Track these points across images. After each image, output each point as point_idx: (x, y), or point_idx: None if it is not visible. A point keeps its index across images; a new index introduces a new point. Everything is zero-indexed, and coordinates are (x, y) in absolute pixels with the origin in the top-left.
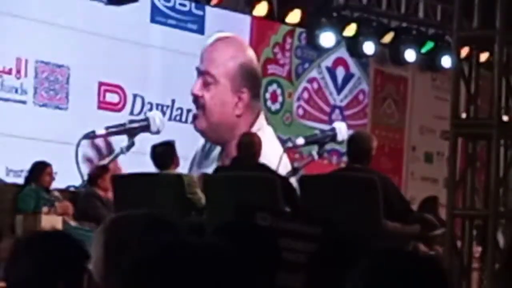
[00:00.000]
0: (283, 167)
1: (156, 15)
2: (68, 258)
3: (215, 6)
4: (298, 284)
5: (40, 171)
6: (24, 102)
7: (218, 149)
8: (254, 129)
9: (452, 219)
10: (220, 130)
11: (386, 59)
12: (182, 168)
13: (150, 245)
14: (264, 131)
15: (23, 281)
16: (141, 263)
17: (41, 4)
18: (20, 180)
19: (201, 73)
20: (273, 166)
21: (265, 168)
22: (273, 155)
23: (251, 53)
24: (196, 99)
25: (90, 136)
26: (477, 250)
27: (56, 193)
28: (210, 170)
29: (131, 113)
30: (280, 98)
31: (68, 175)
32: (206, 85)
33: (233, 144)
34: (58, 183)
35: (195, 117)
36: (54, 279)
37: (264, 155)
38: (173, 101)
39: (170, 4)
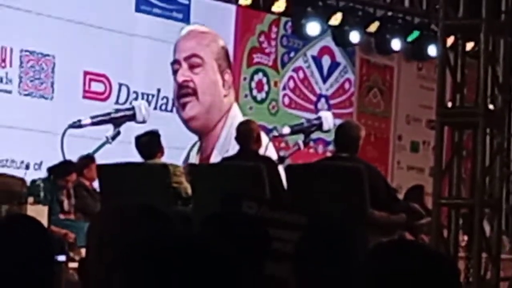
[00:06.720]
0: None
1: (141, 4)
2: (30, 247)
3: None
4: (285, 273)
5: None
6: (9, 92)
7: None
8: (230, 116)
9: (438, 208)
10: (212, 112)
11: (371, 48)
12: (167, 157)
13: (142, 236)
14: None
15: None
16: (130, 254)
17: None
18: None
19: (185, 59)
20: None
21: (268, 160)
22: None
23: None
24: (184, 86)
25: (76, 125)
26: (463, 239)
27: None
28: None
29: (117, 102)
30: (266, 87)
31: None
32: (192, 68)
33: (212, 135)
34: (43, 173)
35: (183, 106)
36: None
37: None
38: (158, 90)
39: None
